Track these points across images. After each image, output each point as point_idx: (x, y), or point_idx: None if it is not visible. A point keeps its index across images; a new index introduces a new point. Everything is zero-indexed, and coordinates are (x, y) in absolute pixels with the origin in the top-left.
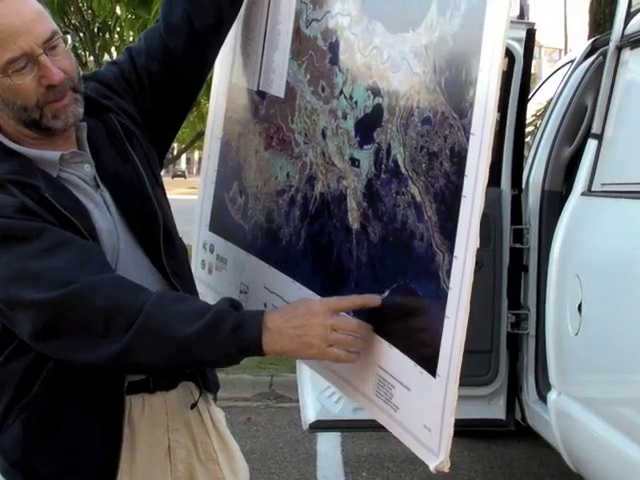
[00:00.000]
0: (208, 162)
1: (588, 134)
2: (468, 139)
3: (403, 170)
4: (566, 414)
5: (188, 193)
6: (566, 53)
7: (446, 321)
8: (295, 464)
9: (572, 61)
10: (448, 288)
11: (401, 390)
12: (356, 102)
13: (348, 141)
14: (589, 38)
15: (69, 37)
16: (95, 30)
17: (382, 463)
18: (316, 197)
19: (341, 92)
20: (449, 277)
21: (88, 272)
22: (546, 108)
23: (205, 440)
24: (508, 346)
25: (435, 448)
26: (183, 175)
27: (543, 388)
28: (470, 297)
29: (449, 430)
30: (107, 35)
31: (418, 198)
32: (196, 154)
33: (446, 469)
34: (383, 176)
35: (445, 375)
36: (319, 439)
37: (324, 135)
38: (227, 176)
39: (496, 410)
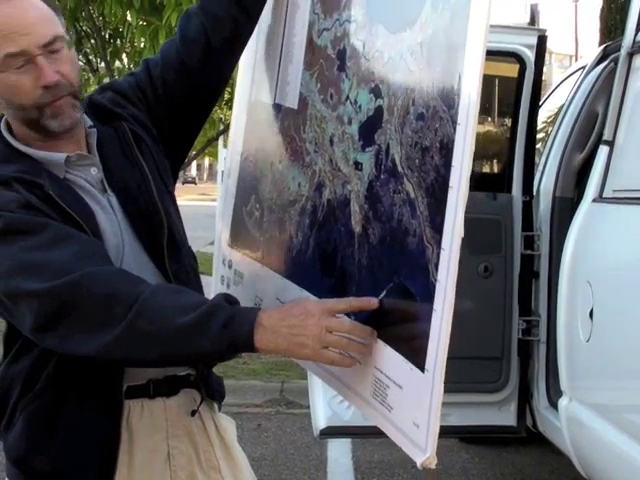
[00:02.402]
0: (228, 178)
1: (599, 141)
2: (455, 130)
3: (400, 168)
4: (577, 420)
5: (198, 199)
6: (577, 60)
7: (434, 314)
8: (306, 470)
9: (583, 67)
10: (436, 281)
11: (394, 389)
12: (360, 106)
13: (352, 145)
14: (600, 44)
15: (72, 44)
16: (106, 37)
17: (393, 469)
18: (324, 204)
19: (347, 98)
20: (437, 270)
21: (89, 264)
22: (557, 115)
23: (207, 448)
24: (519, 353)
25: (422, 444)
26: (194, 181)
27: (554, 394)
28: (455, 289)
29: (436, 425)
30: (118, 42)
31: (412, 194)
32: (206, 160)
33: (433, 465)
34: (382, 177)
35: (432, 369)
36: (330, 445)
37: (332, 142)
38: (245, 191)
39: (507, 416)
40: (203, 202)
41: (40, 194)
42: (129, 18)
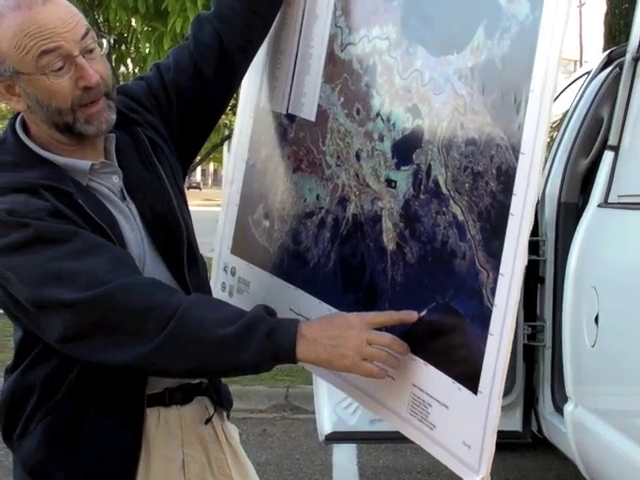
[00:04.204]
0: (231, 185)
1: (604, 146)
2: (517, 158)
3: (444, 190)
4: (583, 426)
5: (203, 205)
6: (581, 65)
7: (490, 338)
8: (311, 476)
9: (588, 73)
10: (493, 305)
11: (438, 408)
12: (394, 124)
13: (384, 162)
14: (604, 50)
15: (104, 41)
16: (111, 42)
17: (398, 475)
18: (348, 218)
19: (378, 114)
20: (494, 295)
21: (122, 274)
22: (562, 120)
23: (219, 456)
24: (524, 358)
25: (475, 465)
26: (198, 187)
27: (559, 400)
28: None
29: (491, 446)
30: (123, 47)
31: (460, 217)
32: (211, 166)
33: None
34: (422, 197)
35: (488, 392)
36: (335, 451)
37: (358, 157)
38: (251, 199)
39: (512, 422)
40: (208, 207)
41: (68, 202)
42: (134, 24)
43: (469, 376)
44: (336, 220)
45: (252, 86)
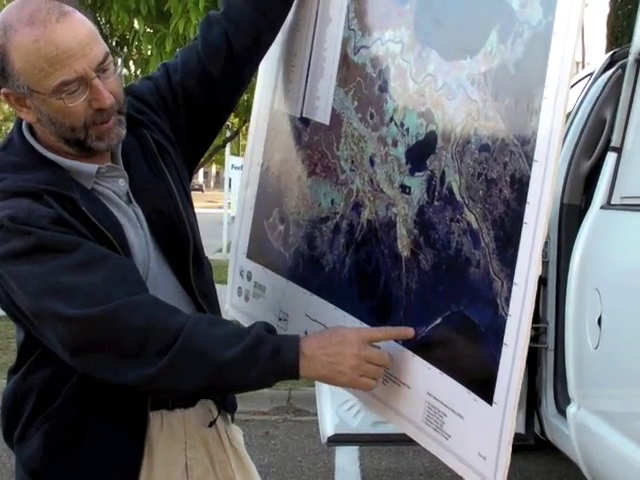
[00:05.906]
0: (246, 189)
1: (607, 147)
2: (531, 166)
3: (458, 197)
4: (586, 428)
5: (206, 207)
6: (584, 67)
7: (504, 348)
8: (313, 478)
9: (591, 74)
10: (507, 315)
11: (453, 418)
12: (407, 129)
13: (398, 168)
14: (607, 51)
15: (119, 60)
16: (113, 44)
17: (400, 477)
18: (363, 224)
19: (391, 119)
20: (508, 304)
21: (123, 291)
22: (565, 121)
23: (222, 459)
24: (527, 360)
25: (490, 476)
26: (200, 189)
27: (562, 402)
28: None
29: (506, 458)
30: (125, 49)
31: (475, 225)
32: (213, 168)
33: None
34: (436, 203)
35: (503, 403)
36: (337, 453)
37: (372, 162)
38: (267, 203)
39: (515, 424)
40: (210, 210)
41: (71, 209)
42: (136, 25)
43: (484, 386)
44: (351, 225)
45: (266, 89)
